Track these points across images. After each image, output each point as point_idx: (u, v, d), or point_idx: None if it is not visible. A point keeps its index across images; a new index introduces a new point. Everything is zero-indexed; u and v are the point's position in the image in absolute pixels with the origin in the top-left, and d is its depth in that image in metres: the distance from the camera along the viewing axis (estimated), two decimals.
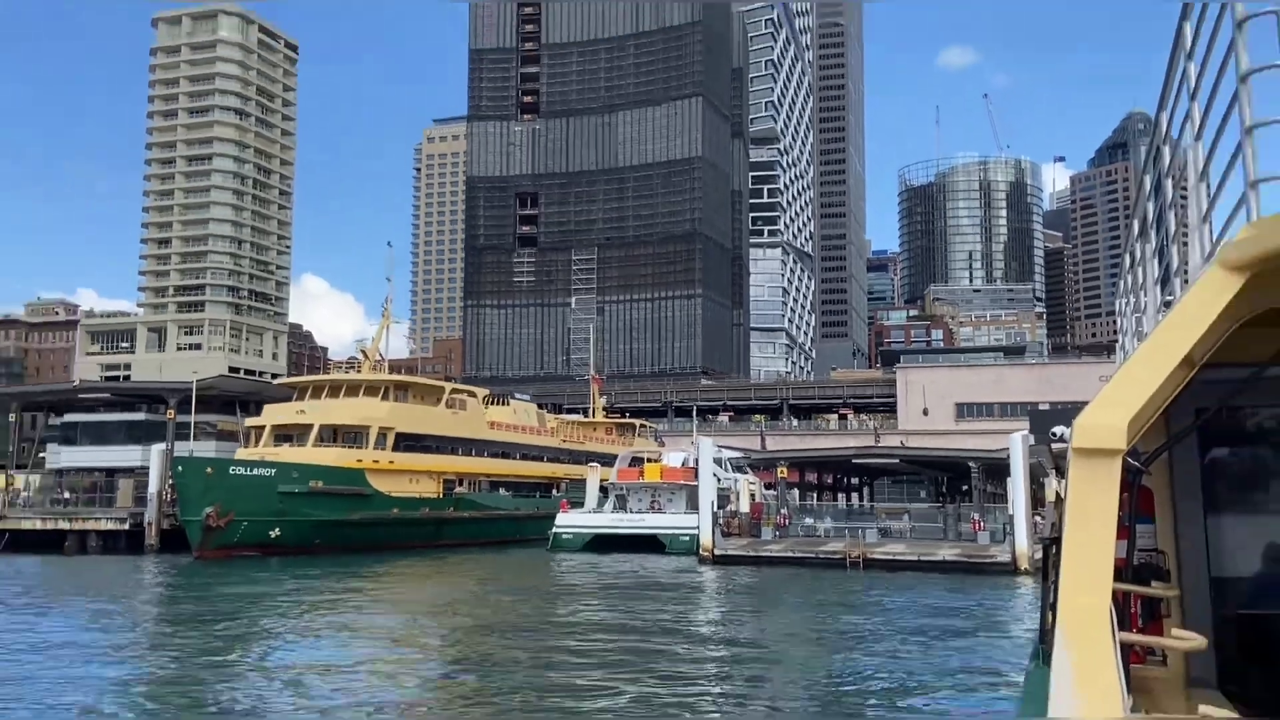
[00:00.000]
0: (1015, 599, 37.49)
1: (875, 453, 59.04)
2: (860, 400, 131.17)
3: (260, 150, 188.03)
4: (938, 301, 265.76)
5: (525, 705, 19.67)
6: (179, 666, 23.80)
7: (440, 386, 67.84)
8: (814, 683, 23.04)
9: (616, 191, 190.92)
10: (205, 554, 50.87)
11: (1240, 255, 3.18)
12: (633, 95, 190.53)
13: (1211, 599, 4.84)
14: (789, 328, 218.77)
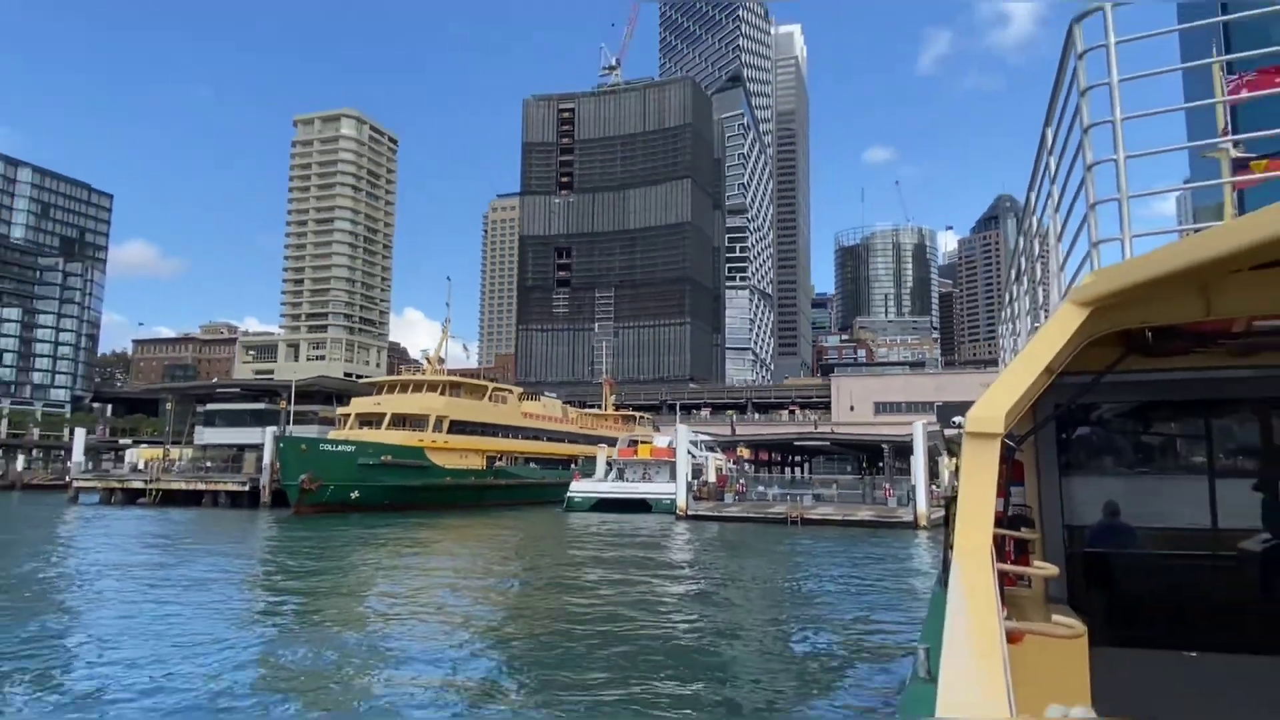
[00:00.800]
0: (915, 547, 35.64)
1: (811, 437, 56.63)
2: (804, 399, 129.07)
3: (369, 215, 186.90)
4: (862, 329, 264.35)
5: (543, 602, 21.76)
6: (281, 579, 25.57)
7: (484, 385, 65.51)
8: (756, 594, 23.60)
9: (628, 247, 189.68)
10: (301, 510, 48.68)
11: (1086, 295, 3.32)
12: (640, 177, 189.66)
13: (1063, 541, 4.85)
14: (754, 347, 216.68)
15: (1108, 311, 3.37)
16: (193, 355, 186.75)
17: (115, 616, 18.10)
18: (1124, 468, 5.30)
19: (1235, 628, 4.58)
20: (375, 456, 51.83)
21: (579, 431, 75.62)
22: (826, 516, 44.61)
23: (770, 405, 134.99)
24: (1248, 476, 4.86)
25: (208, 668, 13.47)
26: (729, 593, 23.70)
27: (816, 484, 55.46)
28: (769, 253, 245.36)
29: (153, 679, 12.72)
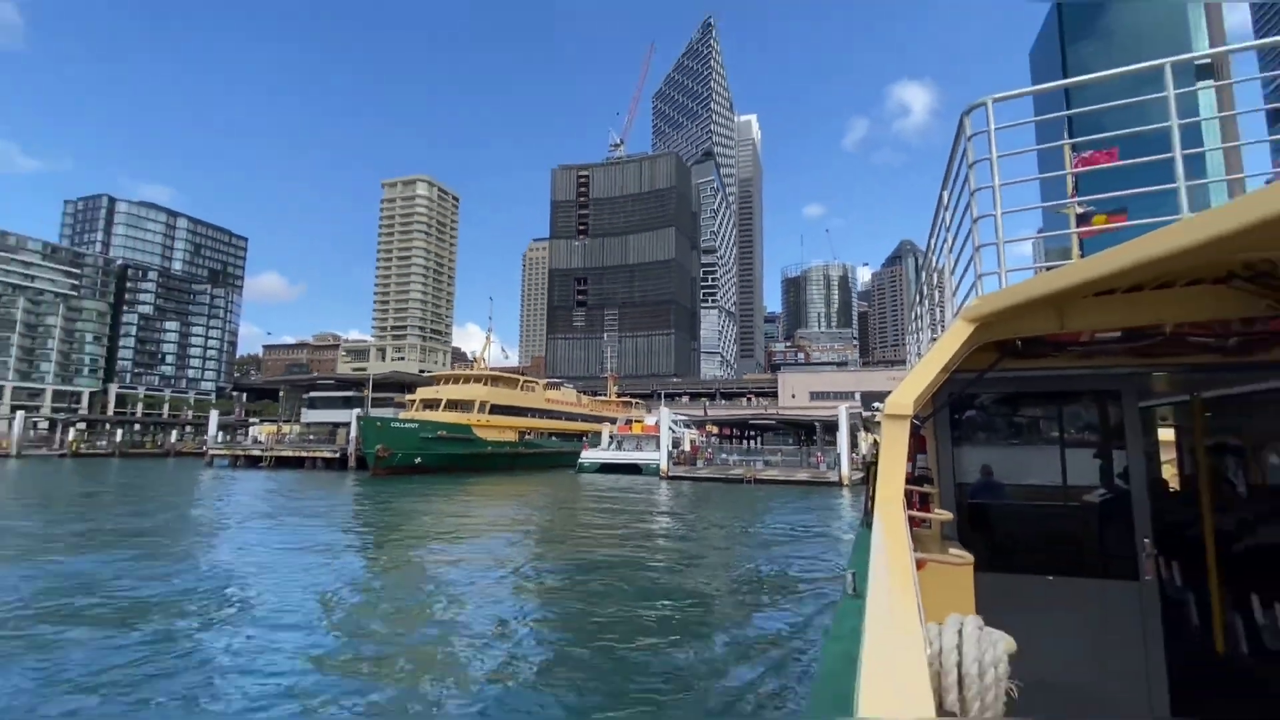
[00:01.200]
0: (840, 501, 34.02)
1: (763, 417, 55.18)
2: (758, 390, 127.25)
3: (437, 254, 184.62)
4: (801, 339, 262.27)
5: (560, 528, 22.68)
6: (361, 526, 23.99)
7: (516, 378, 63.85)
8: (718, 533, 22.30)
9: (628, 278, 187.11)
10: (377, 472, 47.03)
11: (972, 314, 3.37)
12: (638, 225, 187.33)
13: (954, 494, 4.79)
14: (722, 351, 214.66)
15: (988, 326, 3.42)
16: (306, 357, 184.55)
17: (236, 547, 17.65)
18: (999, 441, 5.30)
19: (1079, 558, 4.70)
20: (433, 432, 50.29)
21: (589, 413, 74.02)
22: (773, 477, 43.17)
23: (733, 394, 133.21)
24: (1089, 447, 4.95)
25: (308, 581, 13.31)
26: (697, 531, 22.31)
27: (766, 453, 54.04)
28: (733, 282, 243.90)
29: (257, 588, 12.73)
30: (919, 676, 1.15)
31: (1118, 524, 4.46)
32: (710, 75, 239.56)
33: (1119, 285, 3.00)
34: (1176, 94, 3.41)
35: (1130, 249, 2.46)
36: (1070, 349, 4.11)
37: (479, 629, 10.17)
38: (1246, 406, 5.58)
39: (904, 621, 1.41)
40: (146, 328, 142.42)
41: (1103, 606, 4.25)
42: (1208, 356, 4.02)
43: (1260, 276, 2.84)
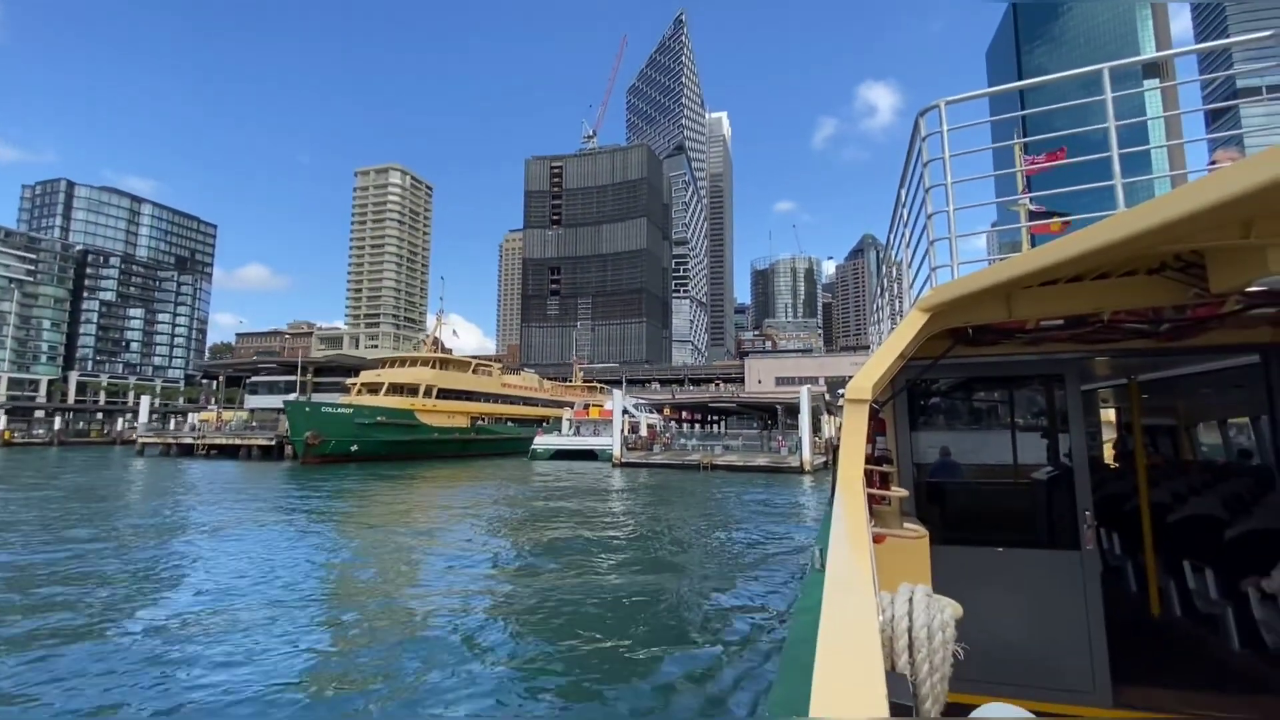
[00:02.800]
0: (801, 486, 29.54)
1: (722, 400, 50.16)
2: (726, 376, 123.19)
3: (410, 242, 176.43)
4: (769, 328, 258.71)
5: (506, 514, 20.55)
6: (290, 509, 21.80)
7: (468, 361, 58.00)
8: (669, 516, 19.55)
9: (601, 267, 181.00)
10: (308, 461, 41.30)
11: (927, 304, 3.38)
12: (610, 215, 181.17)
13: (912, 473, 4.73)
14: (693, 340, 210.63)
15: (942, 314, 3.41)
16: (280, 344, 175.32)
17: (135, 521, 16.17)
18: (954, 423, 5.22)
19: (1027, 531, 4.64)
20: (371, 417, 44.41)
21: (550, 398, 68.46)
22: (731, 463, 38.30)
23: (702, 380, 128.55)
24: (1036, 428, 4.89)
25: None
26: (621, 552, 17.56)
27: (726, 437, 49.15)
28: (704, 273, 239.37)
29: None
30: (872, 641, 1.15)
31: (1062, 498, 4.47)
32: (682, 71, 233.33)
33: (1061, 276, 3.03)
34: (1115, 96, 3.44)
35: (1070, 242, 2.52)
36: (1018, 336, 4.13)
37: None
38: (1177, 388, 6.07)
39: (859, 591, 1.42)
40: (109, 314, 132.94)
41: (1048, 575, 4.30)
42: (1142, 342, 4.11)
43: (1189, 267, 2.89)
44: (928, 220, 3.76)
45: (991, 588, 4.23)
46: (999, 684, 3.87)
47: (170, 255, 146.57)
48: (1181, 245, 2.57)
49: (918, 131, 3.78)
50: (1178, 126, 4.79)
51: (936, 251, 3.71)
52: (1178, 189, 2.08)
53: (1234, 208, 1.92)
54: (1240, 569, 4.54)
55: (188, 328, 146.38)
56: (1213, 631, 4.84)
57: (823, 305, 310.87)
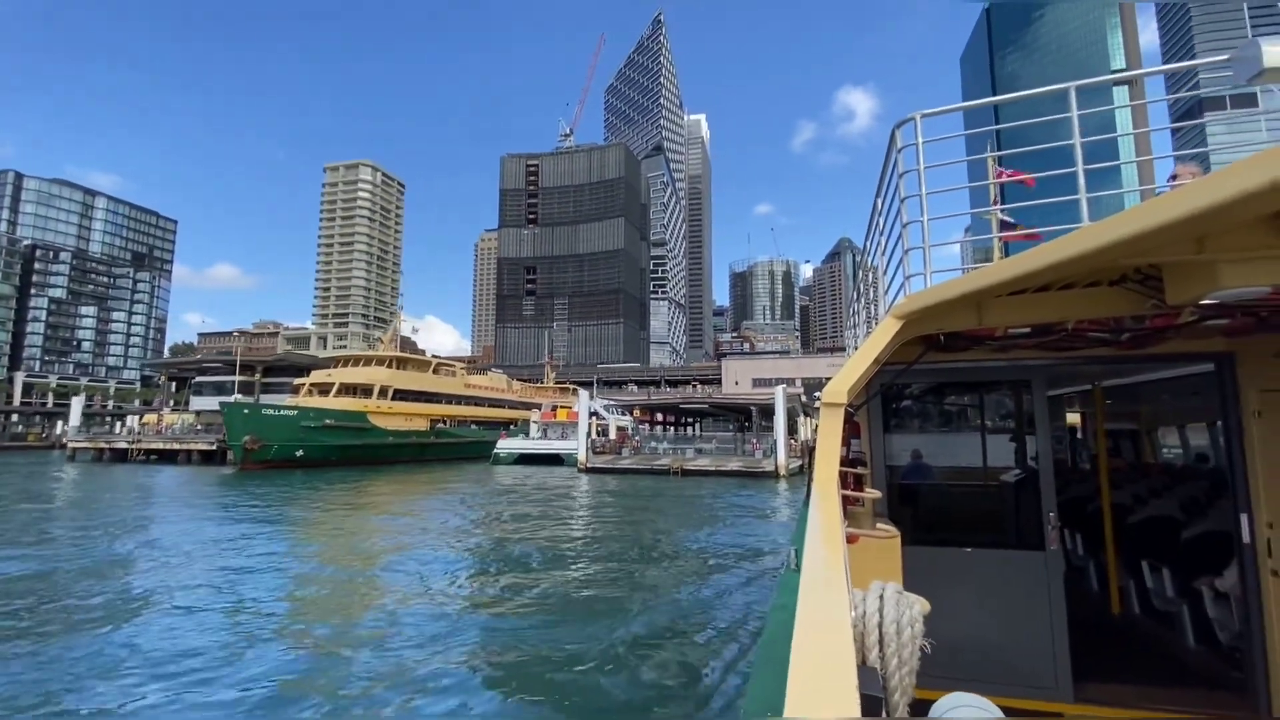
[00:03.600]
0: (775, 491, 27.57)
1: (694, 401, 47.83)
2: (703, 377, 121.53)
3: (381, 240, 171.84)
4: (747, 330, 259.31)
5: (449, 527, 18.76)
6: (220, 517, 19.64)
7: (429, 361, 54.83)
8: (629, 531, 17.96)
9: (577, 267, 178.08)
10: (248, 467, 38.12)
11: (901, 311, 3.44)
12: (587, 214, 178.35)
13: (886, 477, 4.75)
14: (671, 341, 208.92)
15: (915, 321, 3.46)
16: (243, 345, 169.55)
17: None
18: (926, 426, 5.24)
19: (994, 532, 4.72)
20: (318, 420, 41.25)
21: (519, 400, 65.63)
22: (702, 468, 36.03)
23: (679, 381, 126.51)
24: (1005, 432, 4.94)
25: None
26: (612, 536, 15.27)
27: (699, 440, 46.92)
28: (682, 275, 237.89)
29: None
30: (844, 636, 1.19)
31: (1029, 500, 4.53)
32: (660, 71, 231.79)
33: (1029, 285, 3.12)
34: (1081, 114, 3.51)
35: (1038, 254, 2.61)
36: (988, 343, 4.18)
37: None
38: (1138, 393, 6.30)
39: (833, 588, 1.47)
40: (60, 312, 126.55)
41: (1014, 575, 4.35)
42: (1105, 350, 4.26)
43: (1148, 280, 2.98)
44: (903, 229, 3.81)
45: (961, 586, 4.35)
46: (966, 680, 3.87)
47: (127, 251, 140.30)
48: (1141, 259, 2.67)
49: (893, 143, 3.87)
50: (1146, 140, 5.09)
51: (911, 260, 3.76)
52: (1136, 206, 2.18)
53: (1187, 226, 2.00)
54: (1195, 569, 4.71)
55: (145, 326, 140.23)
56: (1170, 629, 5.02)
57: (800, 308, 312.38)
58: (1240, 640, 4.13)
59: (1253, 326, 3.65)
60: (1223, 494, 4.67)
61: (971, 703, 1.73)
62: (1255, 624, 3.94)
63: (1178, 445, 6.98)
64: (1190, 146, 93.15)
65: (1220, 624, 4.41)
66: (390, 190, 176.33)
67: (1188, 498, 5.50)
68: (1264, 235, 2.31)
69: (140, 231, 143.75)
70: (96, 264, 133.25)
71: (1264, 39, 2.13)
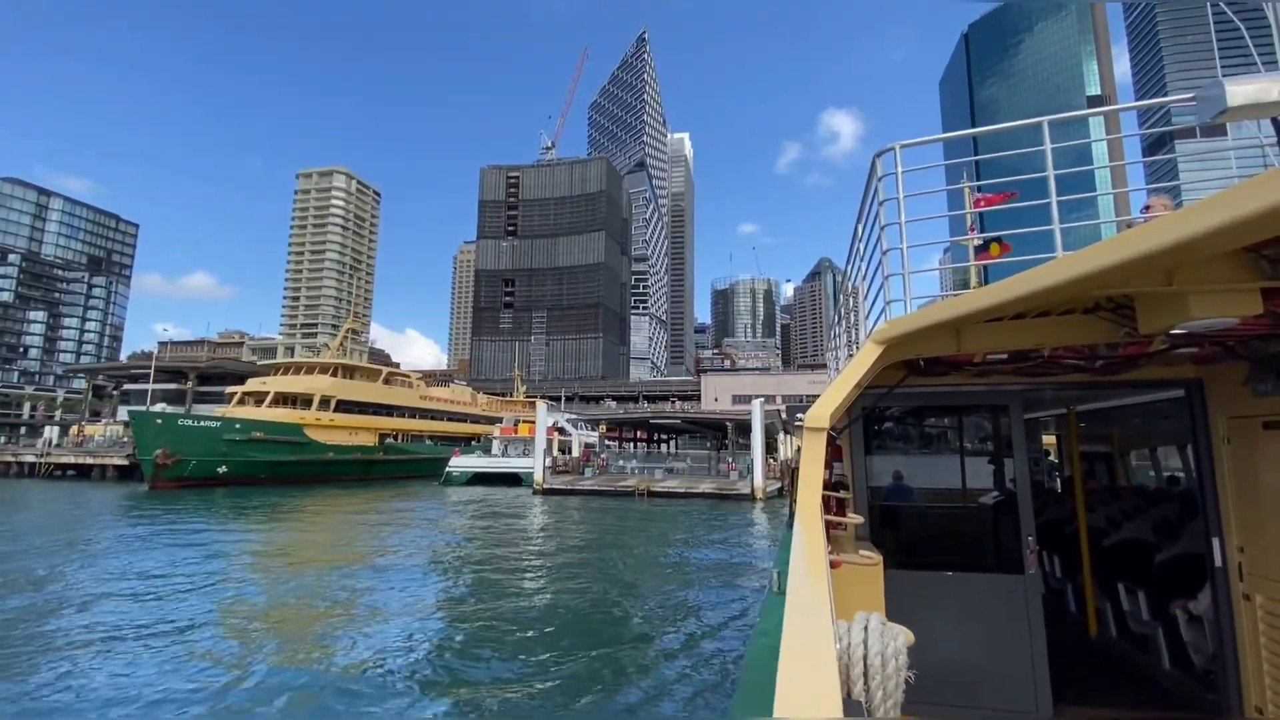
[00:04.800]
0: (750, 517, 24.36)
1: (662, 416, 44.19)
2: (682, 394, 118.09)
3: (354, 249, 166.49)
4: (728, 347, 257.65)
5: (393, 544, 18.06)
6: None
7: (379, 370, 50.45)
8: (581, 557, 14.88)
9: (557, 279, 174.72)
10: (159, 485, 33.57)
11: (882, 336, 3.45)
12: (567, 227, 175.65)
13: (867, 498, 4.76)
14: (652, 357, 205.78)
15: (896, 347, 3.49)
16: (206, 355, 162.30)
17: None
18: (907, 449, 5.25)
19: (974, 555, 4.73)
20: (244, 432, 36.85)
21: (484, 414, 61.48)
22: (671, 489, 32.34)
23: (657, 397, 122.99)
24: (983, 455, 4.96)
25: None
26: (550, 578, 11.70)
27: (671, 458, 43.22)
28: (664, 291, 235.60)
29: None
30: (829, 669, 1.19)
31: (1007, 523, 4.56)
32: (644, 88, 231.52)
33: (1006, 313, 3.17)
34: (1055, 147, 3.58)
35: (1015, 283, 2.68)
36: (966, 368, 4.25)
37: None
38: (1112, 418, 6.44)
39: (817, 619, 1.47)
40: (6, 316, 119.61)
41: (993, 599, 4.36)
42: (1079, 375, 4.32)
43: (1120, 309, 3.07)
44: (883, 256, 3.86)
45: (941, 611, 4.33)
46: (948, 705, 3.93)
47: (83, 255, 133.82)
48: (1113, 289, 2.75)
49: (874, 172, 3.93)
50: (1121, 172, 5.13)
51: (891, 286, 3.79)
52: (1108, 239, 2.26)
53: (1158, 259, 2.08)
54: (1169, 592, 4.73)
55: (99, 334, 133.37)
56: (1145, 651, 5.07)
57: (781, 326, 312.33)
58: (1214, 663, 4.18)
59: (1220, 355, 3.74)
60: (1194, 517, 4.61)
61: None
62: (1228, 647, 3.99)
63: (1150, 468, 7.05)
64: (1163, 175, 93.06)
65: (1194, 647, 4.48)
66: (365, 198, 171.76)
67: (1161, 520, 5.59)
68: (1231, 269, 2.41)
69: (99, 235, 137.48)
70: (47, 266, 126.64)
71: (1229, 79, 2.14)
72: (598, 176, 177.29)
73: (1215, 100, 2.15)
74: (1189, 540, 4.75)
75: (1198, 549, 4.32)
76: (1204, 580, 4.21)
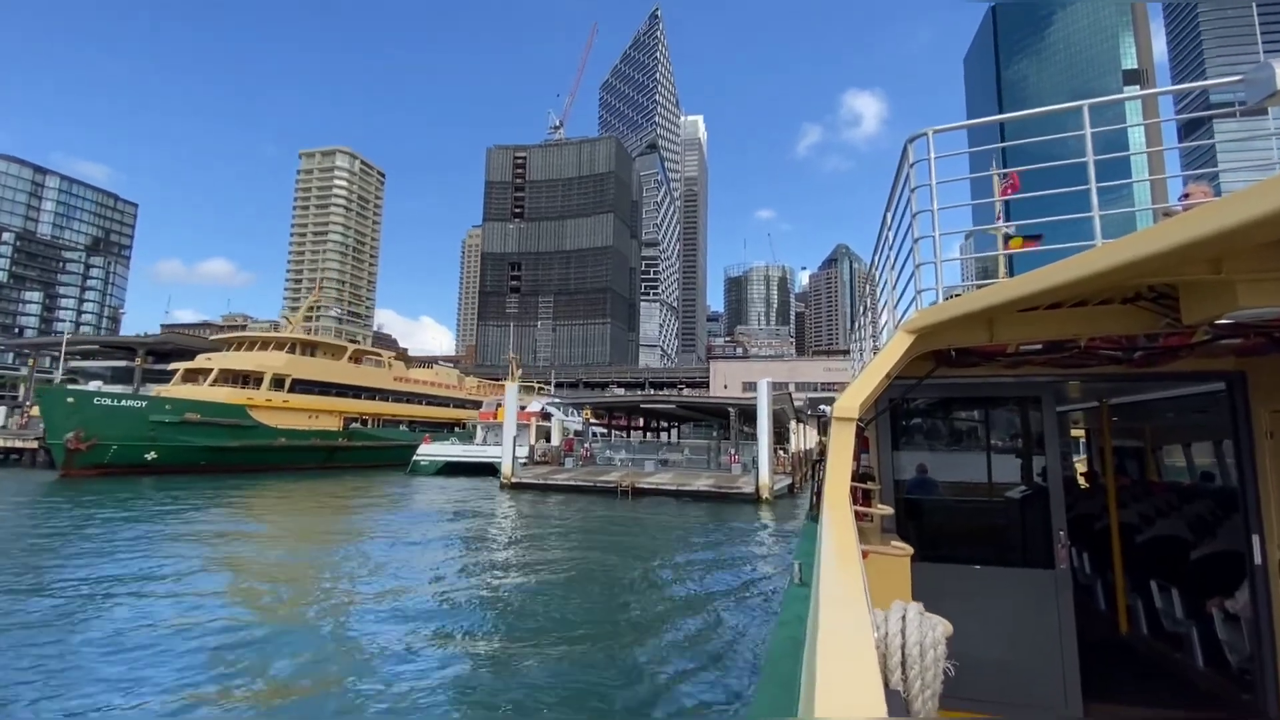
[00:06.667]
0: (754, 525, 19.24)
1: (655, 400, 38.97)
2: (690, 380, 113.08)
3: (358, 231, 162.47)
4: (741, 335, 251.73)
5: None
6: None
7: (344, 347, 45.71)
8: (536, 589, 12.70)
9: (564, 263, 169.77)
10: (71, 473, 29.06)
11: (912, 326, 3.40)
12: (575, 209, 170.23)
13: (894, 490, 4.67)
14: (662, 345, 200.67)
15: (926, 337, 3.44)
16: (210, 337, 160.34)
17: None
18: (934, 441, 5.18)
19: (1002, 549, 4.60)
20: (176, 414, 32.20)
21: (468, 397, 56.69)
22: (659, 485, 27.11)
23: (665, 384, 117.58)
24: (1013, 448, 4.84)
25: None
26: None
27: (666, 448, 37.96)
28: (675, 277, 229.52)
29: None
30: (869, 658, 1.19)
31: (1036, 517, 4.47)
32: (657, 68, 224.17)
33: (1042, 303, 3.12)
34: (1094, 132, 3.47)
35: (1052, 272, 2.61)
36: (998, 359, 4.15)
37: None
38: (1146, 411, 6.22)
39: (853, 607, 1.46)
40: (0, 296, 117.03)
41: (1023, 593, 4.28)
42: (1115, 367, 4.20)
43: (1162, 298, 2.97)
44: (914, 244, 3.80)
45: (969, 604, 4.22)
46: (975, 700, 3.86)
47: (80, 235, 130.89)
48: (1156, 278, 2.67)
49: (905, 158, 3.85)
50: (1159, 157, 4.44)
51: (921, 275, 3.76)
52: (1152, 227, 2.16)
53: (1205, 247, 2.02)
54: (1205, 590, 4.61)
55: (97, 315, 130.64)
56: (1178, 650, 4.96)
57: (795, 314, 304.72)
58: (1250, 663, 4.13)
59: (1265, 346, 3.65)
60: (1231, 513, 4.48)
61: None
62: (1266, 646, 3.93)
63: (1183, 463, 6.76)
64: (1201, 160, 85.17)
65: (1230, 646, 4.40)
66: (369, 179, 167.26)
67: (1196, 517, 5.47)
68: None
69: (97, 214, 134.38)
70: (44, 246, 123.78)
71: (1277, 59, 2.07)
72: (607, 156, 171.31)
73: (1264, 82, 2.06)
74: (1226, 537, 4.65)
75: (1235, 546, 4.23)
76: (1241, 578, 4.12)
